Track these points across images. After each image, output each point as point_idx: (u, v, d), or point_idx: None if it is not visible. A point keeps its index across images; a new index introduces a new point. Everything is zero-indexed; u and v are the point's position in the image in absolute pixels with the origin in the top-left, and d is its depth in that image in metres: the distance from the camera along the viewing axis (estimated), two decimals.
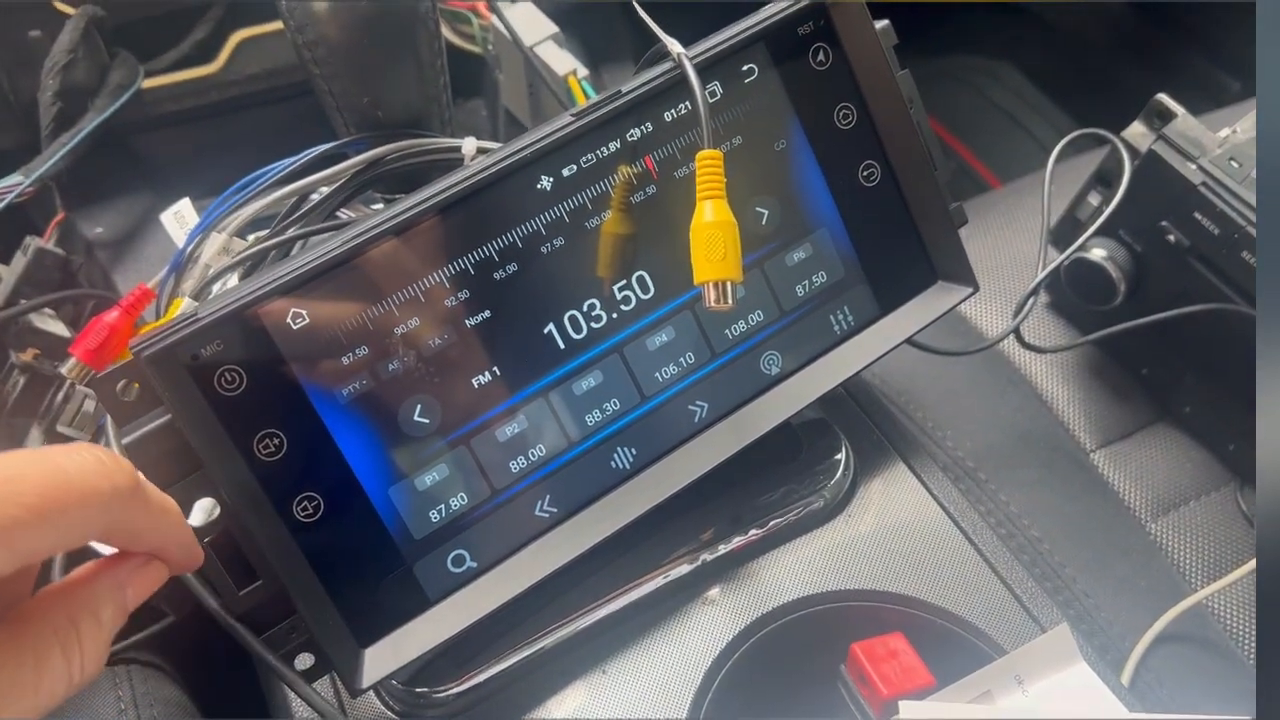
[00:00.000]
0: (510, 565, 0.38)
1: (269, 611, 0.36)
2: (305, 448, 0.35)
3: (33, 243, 0.54)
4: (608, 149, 0.38)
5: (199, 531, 0.34)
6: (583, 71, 0.57)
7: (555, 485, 0.39)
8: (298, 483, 0.35)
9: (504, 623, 0.40)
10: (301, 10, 0.43)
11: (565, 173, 0.37)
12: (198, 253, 0.44)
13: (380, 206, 0.50)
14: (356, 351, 0.35)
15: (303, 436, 0.35)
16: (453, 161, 0.45)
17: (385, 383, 0.36)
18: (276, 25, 0.66)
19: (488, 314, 0.37)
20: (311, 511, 0.35)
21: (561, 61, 0.57)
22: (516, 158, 0.36)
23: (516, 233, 0.37)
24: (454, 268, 0.36)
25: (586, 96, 0.56)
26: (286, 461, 0.34)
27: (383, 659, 0.36)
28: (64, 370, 0.44)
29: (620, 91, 0.37)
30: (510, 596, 0.38)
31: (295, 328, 0.34)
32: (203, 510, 0.35)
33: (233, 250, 0.43)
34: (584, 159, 0.37)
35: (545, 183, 0.37)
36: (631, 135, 0.38)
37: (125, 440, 0.33)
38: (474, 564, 0.38)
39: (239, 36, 0.65)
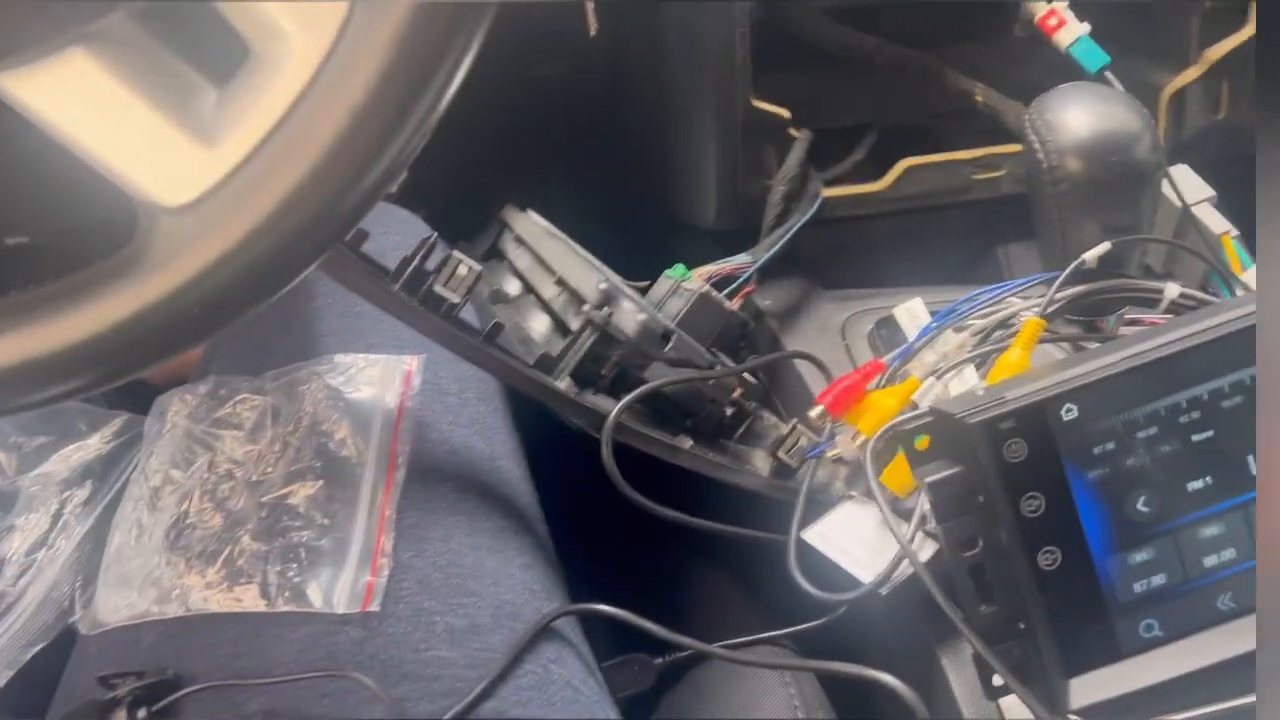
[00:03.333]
0: (1190, 643, 0.46)
1: (993, 632, 0.47)
2: (1057, 512, 0.45)
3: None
4: None
5: (960, 561, 0.46)
6: (1234, 232, 0.64)
7: (1240, 584, 0.46)
8: (1045, 537, 0.45)
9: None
10: (1054, 145, 0.54)
11: None
12: (927, 342, 0.57)
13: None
14: (1105, 445, 0.45)
15: (1057, 502, 0.45)
16: (1150, 301, 0.54)
17: (1121, 473, 0.45)
18: (941, 156, 0.79)
19: (1210, 433, 0.45)
20: (1051, 562, 0.45)
21: (1216, 222, 0.64)
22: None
23: (1248, 372, 0.45)
24: (1192, 392, 0.45)
25: (1238, 258, 0.63)
26: (1042, 519, 0.45)
27: (1081, 691, 0.45)
28: (812, 415, 0.59)
29: None
30: (1187, 670, 0.45)
31: (1066, 419, 0.45)
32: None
33: (966, 347, 0.55)
34: None
35: None
36: None
37: (928, 479, 0.46)
38: (1160, 634, 0.46)
39: (906, 164, 0.79)
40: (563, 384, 0.60)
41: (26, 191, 0.80)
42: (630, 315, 0.62)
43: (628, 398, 0.59)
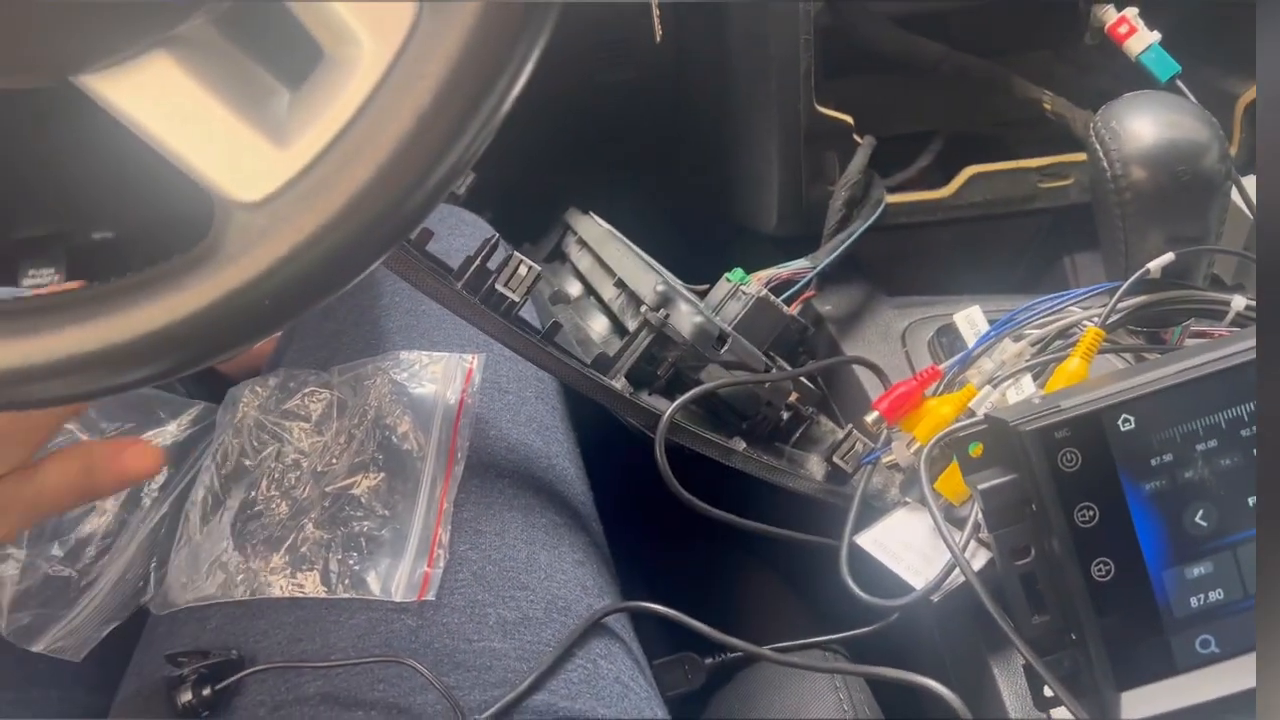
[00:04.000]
0: (1249, 660, 0.45)
1: (1044, 642, 0.46)
2: (1111, 523, 0.44)
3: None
4: None
5: (1012, 569, 0.46)
6: None
7: None
8: (1099, 548, 0.45)
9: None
10: (1119, 153, 0.54)
11: None
12: (985, 350, 0.57)
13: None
14: (1163, 456, 0.44)
15: (1111, 513, 0.44)
16: (1216, 313, 0.53)
17: (1179, 486, 0.44)
18: (1007, 164, 0.78)
19: None
20: (1104, 573, 0.45)
21: None
22: None
23: None
24: (1249, 406, 0.44)
25: None
26: (1095, 530, 0.44)
27: (1133, 705, 0.45)
28: (868, 420, 0.59)
29: None
30: (1244, 688, 0.45)
31: (1123, 429, 0.44)
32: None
33: (1025, 356, 0.54)
34: None
35: None
36: None
37: (980, 486, 0.45)
38: (1217, 650, 0.45)
39: (971, 171, 0.79)
40: (618, 384, 0.61)
41: (114, 190, 0.83)
42: (686, 317, 0.62)
43: (682, 398, 0.60)
